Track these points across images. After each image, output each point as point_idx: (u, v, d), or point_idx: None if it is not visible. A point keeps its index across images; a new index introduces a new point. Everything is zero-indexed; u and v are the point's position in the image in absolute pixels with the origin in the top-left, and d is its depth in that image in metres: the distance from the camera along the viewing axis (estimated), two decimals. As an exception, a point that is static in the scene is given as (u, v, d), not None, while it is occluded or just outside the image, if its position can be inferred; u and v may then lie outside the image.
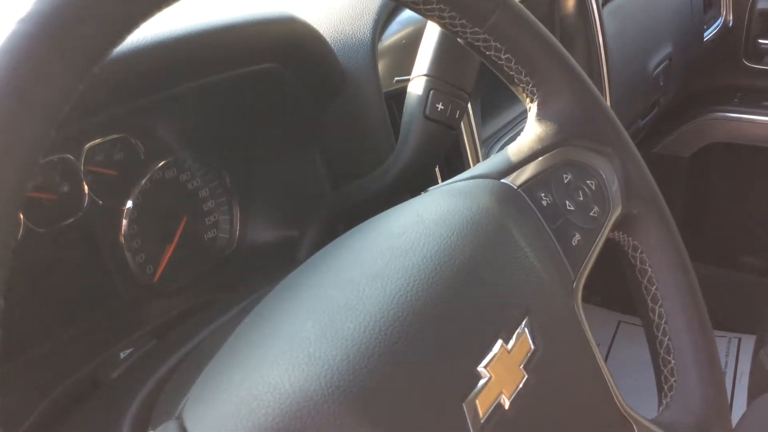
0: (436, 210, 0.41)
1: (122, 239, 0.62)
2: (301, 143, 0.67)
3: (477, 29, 0.43)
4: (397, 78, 0.65)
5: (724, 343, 1.65)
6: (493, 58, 0.45)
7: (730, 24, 1.51)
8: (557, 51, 0.46)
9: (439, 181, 0.69)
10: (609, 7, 1.07)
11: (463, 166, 0.70)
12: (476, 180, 0.44)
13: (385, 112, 0.65)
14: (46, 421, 0.45)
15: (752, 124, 1.53)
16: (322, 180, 0.67)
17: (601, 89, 0.96)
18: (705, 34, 1.46)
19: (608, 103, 0.96)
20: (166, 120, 0.64)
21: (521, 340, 0.36)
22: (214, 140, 0.68)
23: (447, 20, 0.43)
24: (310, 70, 0.59)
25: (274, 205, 0.70)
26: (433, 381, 0.33)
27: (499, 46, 0.44)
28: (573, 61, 0.47)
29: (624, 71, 1.08)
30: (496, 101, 0.85)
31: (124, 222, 0.62)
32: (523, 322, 0.37)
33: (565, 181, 0.46)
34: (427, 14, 0.43)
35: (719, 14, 1.52)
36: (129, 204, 0.62)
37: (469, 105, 0.70)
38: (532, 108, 0.47)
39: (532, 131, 0.47)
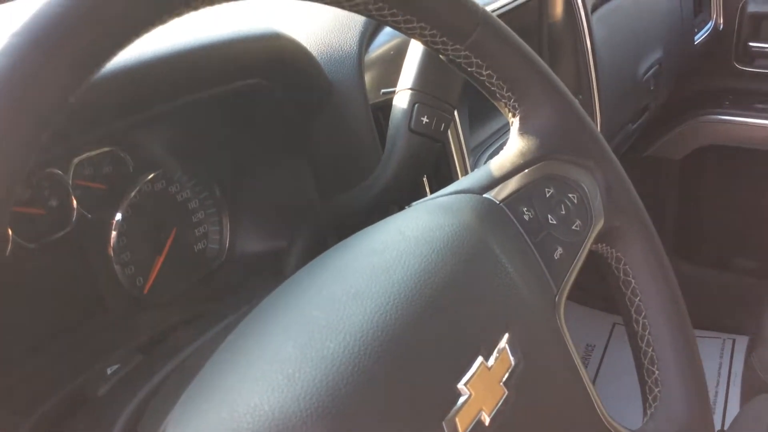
0: (417, 226, 0.41)
1: (111, 252, 0.62)
2: (290, 155, 0.67)
3: (458, 46, 0.44)
4: (383, 90, 0.65)
5: (718, 345, 1.66)
6: (475, 74, 0.46)
7: (721, 27, 1.52)
8: (538, 66, 0.47)
9: (428, 191, 0.70)
10: (598, 13, 1.08)
11: (451, 177, 0.70)
12: (458, 195, 0.45)
13: (372, 124, 0.65)
14: None
15: (744, 127, 1.54)
16: (311, 191, 0.67)
17: (590, 95, 0.96)
18: (696, 38, 1.47)
19: (597, 108, 0.97)
20: (155, 134, 0.64)
21: (502, 357, 0.37)
22: (203, 152, 0.68)
23: (428, 38, 0.43)
24: (296, 84, 0.60)
25: (263, 216, 0.70)
26: (412, 400, 0.33)
27: (480, 62, 0.45)
28: (554, 75, 0.48)
29: (614, 76, 1.08)
30: (484, 110, 0.85)
31: (113, 235, 0.62)
32: (504, 338, 0.37)
33: (547, 196, 0.46)
34: (407, 32, 0.43)
35: (709, 18, 1.52)
36: (118, 217, 0.62)
37: (456, 115, 0.70)
38: (515, 123, 0.48)
39: (515, 146, 0.48)
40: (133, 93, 0.51)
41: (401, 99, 0.58)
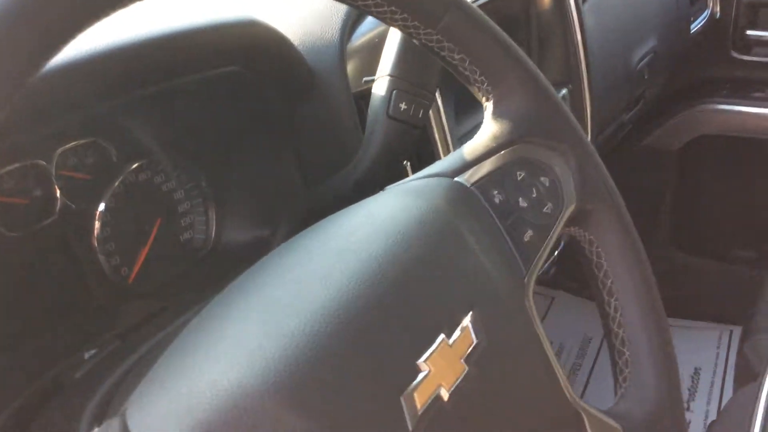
0: (387, 210, 0.42)
1: (95, 242, 0.62)
2: (274, 143, 0.68)
3: (430, 30, 0.44)
4: (365, 78, 0.65)
5: (716, 335, 1.66)
6: (448, 58, 0.46)
7: (717, 16, 1.51)
8: (510, 50, 0.47)
9: (410, 175, 0.70)
10: (591, 1, 1.07)
11: (434, 162, 0.70)
12: (430, 179, 0.45)
13: (354, 111, 0.65)
14: (12, 424, 0.46)
15: (742, 116, 1.53)
16: (295, 179, 0.68)
17: (580, 84, 0.96)
18: (692, 27, 1.46)
19: (587, 97, 0.97)
20: (139, 123, 0.65)
21: (464, 335, 0.37)
22: (187, 142, 0.68)
23: (400, 22, 0.44)
24: (275, 72, 0.60)
25: (249, 205, 0.71)
26: (372, 376, 0.33)
27: (452, 46, 0.45)
28: (527, 59, 0.48)
29: (605, 65, 1.08)
30: (473, 98, 0.85)
31: (97, 225, 0.62)
32: (467, 317, 0.38)
33: (519, 179, 0.46)
34: (379, 16, 0.43)
35: (706, 6, 1.51)
36: (102, 207, 0.63)
37: (439, 101, 0.70)
38: (488, 107, 0.48)
39: (488, 129, 0.48)
40: (110, 77, 0.51)
41: (380, 86, 0.58)
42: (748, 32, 1.51)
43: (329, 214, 0.47)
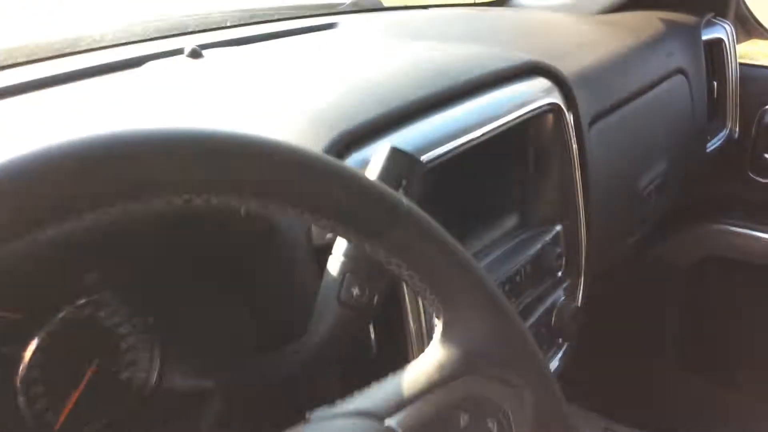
0: None
1: (19, 385, 0.58)
2: (228, 297, 0.63)
3: (374, 245, 0.39)
4: (329, 233, 0.61)
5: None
6: (396, 272, 0.41)
7: (736, 135, 1.46)
8: (467, 268, 0.42)
9: (372, 340, 0.64)
10: (597, 126, 1.03)
11: (405, 336, 0.64)
12: (358, 420, 0.39)
13: (314, 269, 0.60)
14: None
15: (756, 241, 1.46)
16: (246, 338, 0.63)
17: (576, 221, 0.90)
18: (708, 145, 1.41)
19: (583, 234, 0.91)
20: (85, 263, 0.61)
21: None
22: (137, 283, 0.64)
23: (343, 235, 0.39)
24: (230, 228, 0.56)
25: (195, 353, 0.66)
26: None
27: (400, 262, 0.40)
28: (486, 277, 0.43)
29: (608, 193, 1.02)
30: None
31: (24, 367, 0.58)
32: None
33: (462, 426, 0.40)
34: (323, 227, 0.39)
35: (724, 125, 1.46)
36: (33, 347, 0.58)
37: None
38: (438, 326, 0.43)
39: (434, 356, 0.42)
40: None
41: (333, 265, 0.53)
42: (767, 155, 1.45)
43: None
